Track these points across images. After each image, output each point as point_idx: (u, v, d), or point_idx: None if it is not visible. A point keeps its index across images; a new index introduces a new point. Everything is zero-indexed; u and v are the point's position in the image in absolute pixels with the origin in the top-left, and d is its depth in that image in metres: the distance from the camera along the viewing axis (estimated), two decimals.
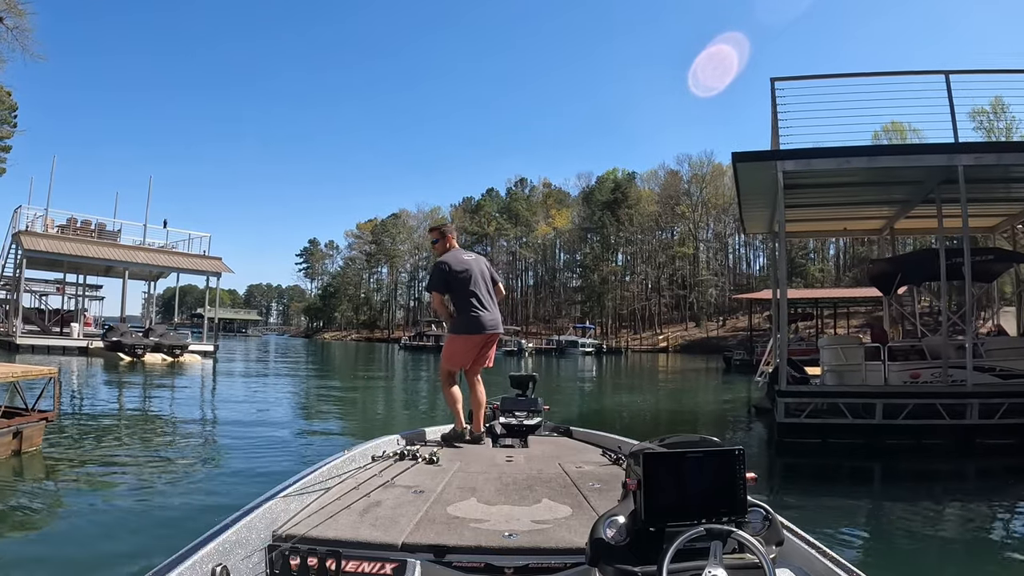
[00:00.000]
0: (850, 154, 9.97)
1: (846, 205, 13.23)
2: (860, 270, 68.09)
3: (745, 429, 12.40)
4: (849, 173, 10.61)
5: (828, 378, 11.11)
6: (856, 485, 7.90)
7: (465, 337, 4.92)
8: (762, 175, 10.55)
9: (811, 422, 9.53)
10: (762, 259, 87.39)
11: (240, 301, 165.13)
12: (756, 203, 12.33)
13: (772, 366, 15.91)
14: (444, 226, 5.28)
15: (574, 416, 12.78)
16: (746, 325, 72.56)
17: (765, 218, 14.05)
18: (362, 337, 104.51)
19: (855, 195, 12.38)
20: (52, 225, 29.57)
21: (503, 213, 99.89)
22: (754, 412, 13.36)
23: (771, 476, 8.25)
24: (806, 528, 2.36)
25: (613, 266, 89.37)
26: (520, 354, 56.84)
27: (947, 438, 9.41)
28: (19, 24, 30.51)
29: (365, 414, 14.32)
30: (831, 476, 8.35)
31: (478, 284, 4.91)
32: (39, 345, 26.45)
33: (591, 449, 4.47)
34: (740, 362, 35.72)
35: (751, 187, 11.27)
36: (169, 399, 14.77)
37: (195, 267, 32.24)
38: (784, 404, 9.51)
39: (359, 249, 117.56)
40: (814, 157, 9.86)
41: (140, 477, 6.67)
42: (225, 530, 2.34)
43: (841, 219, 14.60)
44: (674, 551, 1.71)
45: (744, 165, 10.19)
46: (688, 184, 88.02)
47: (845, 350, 11.45)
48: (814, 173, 10.50)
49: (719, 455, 1.93)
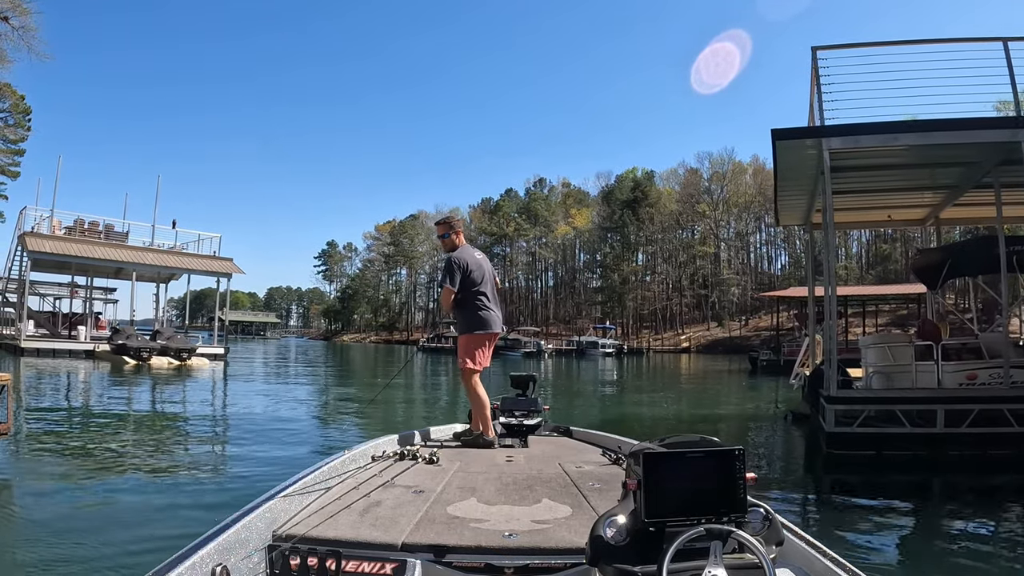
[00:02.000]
0: (900, 130, 8.84)
1: (890, 192, 12.06)
2: (882, 268, 66.73)
3: (783, 439, 11.23)
4: (896, 153, 9.49)
5: (875, 381, 9.98)
6: (923, 508, 6.74)
7: (480, 335, 4.96)
8: (803, 156, 9.48)
9: (865, 432, 8.38)
10: (784, 258, 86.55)
11: (260, 304, 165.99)
12: (793, 190, 11.24)
13: (809, 367, 14.81)
14: (452, 220, 5.36)
15: (595, 424, 11.65)
16: (769, 324, 72.09)
17: (801, 208, 12.92)
18: (381, 339, 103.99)
19: (900, 179, 11.22)
20: (60, 227, 29.01)
21: (522, 213, 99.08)
22: (790, 419, 12.15)
23: (819, 497, 7.20)
24: (807, 530, 2.35)
25: (634, 265, 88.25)
26: (539, 355, 56.00)
27: (1015, 448, 8.24)
28: (24, 23, 30.13)
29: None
30: (889, 494, 7.22)
31: (488, 283, 5.03)
32: (44, 348, 25.89)
33: (591, 449, 4.49)
34: (767, 363, 34.47)
35: (790, 171, 10.18)
36: (163, 406, 13.95)
37: (205, 268, 31.49)
38: (834, 412, 8.39)
39: (377, 251, 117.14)
40: (863, 133, 8.74)
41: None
42: (225, 530, 2.32)
43: (883, 207, 13.38)
44: (674, 551, 1.69)
45: (784, 144, 9.07)
46: (708, 182, 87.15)
47: (893, 349, 10.28)
48: (860, 153, 9.39)
49: (719, 455, 1.91)
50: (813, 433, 10.28)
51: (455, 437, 4.79)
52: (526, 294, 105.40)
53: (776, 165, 9.88)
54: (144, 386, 17.61)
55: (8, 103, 48.92)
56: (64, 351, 25.98)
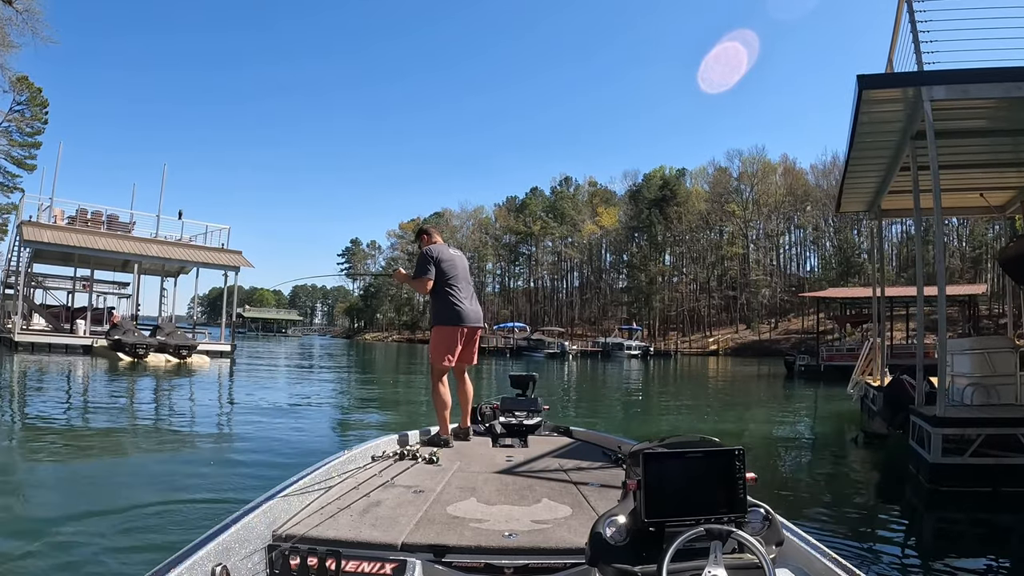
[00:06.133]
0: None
1: (973, 169, 10.14)
2: (914, 271, 63.98)
3: (859, 468, 9.09)
4: (1004, 113, 7.63)
5: (974, 395, 8.09)
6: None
7: (450, 328, 4.87)
8: (890, 115, 7.63)
9: (979, 463, 6.48)
10: (813, 259, 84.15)
11: (285, 302, 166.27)
12: (869, 162, 9.36)
13: (874, 376, 12.85)
14: (425, 227, 5.30)
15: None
16: (799, 327, 70.17)
17: (870, 189, 11.01)
18: (403, 338, 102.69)
19: (992, 151, 9.33)
20: (62, 216, 27.76)
21: (548, 212, 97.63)
22: (861, 439, 10.16)
23: (920, 546, 5.34)
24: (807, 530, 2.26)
25: (661, 266, 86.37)
26: (563, 357, 54.48)
27: None
28: (29, 6, 29.06)
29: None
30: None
31: (461, 277, 4.94)
32: (40, 343, 24.60)
33: (591, 449, 4.46)
34: (805, 367, 32.38)
35: (870, 135, 8.31)
36: (131, 411, 12.26)
37: (213, 260, 30.01)
38: (942, 437, 6.48)
39: (401, 249, 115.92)
40: (979, 81, 6.82)
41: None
42: (225, 530, 2.28)
43: (965, 188, 11.36)
44: (674, 551, 1.68)
45: (873, 95, 7.17)
46: (738, 181, 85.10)
47: (994, 356, 8.39)
48: (964, 110, 7.52)
49: (719, 455, 1.89)
50: (895, 460, 8.40)
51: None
52: (551, 294, 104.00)
53: (855, 126, 7.93)
54: (123, 385, 16.13)
55: (25, 95, 48.35)
56: (60, 346, 24.72)
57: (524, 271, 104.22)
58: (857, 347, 30.54)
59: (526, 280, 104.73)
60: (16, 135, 48.80)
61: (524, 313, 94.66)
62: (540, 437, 5.01)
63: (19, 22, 29.04)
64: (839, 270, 72.70)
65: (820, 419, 14.84)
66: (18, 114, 48.21)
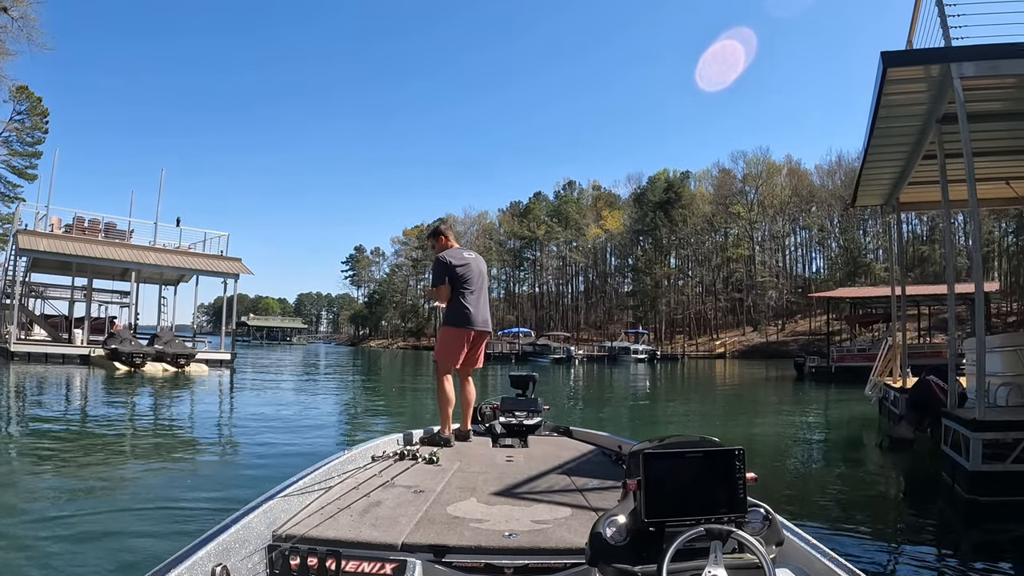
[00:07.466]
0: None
1: (1001, 156, 9.58)
2: (920, 271, 63.55)
3: (886, 475, 8.56)
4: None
5: (1008, 395, 7.55)
6: None
7: (457, 331, 4.92)
8: (914, 96, 7.13)
9: (1020, 471, 5.96)
10: (819, 260, 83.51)
11: (290, 310, 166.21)
12: (890, 151, 8.85)
13: (894, 376, 12.31)
14: (438, 228, 5.26)
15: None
16: (806, 328, 69.63)
17: (889, 181, 10.49)
18: (408, 345, 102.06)
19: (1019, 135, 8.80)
20: (59, 225, 27.35)
21: (552, 216, 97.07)
22: (886, 444, 9.57)
23: (962, 562, 4.81)
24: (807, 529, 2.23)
25: (666, 269, 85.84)
26: (569, 362, 53.92)
27: None
28: (24, 13, 28.78)
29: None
30: None
31: (474, 282, 4.94)
32: (36, 353, 24.14)
33: (591, 449, 4.48)
34: (815, 369, 31.75)
35: (893, 119, 7.80)
36: (128, 418, 11.82)
37: (212, 268, 29.53)
38: (982, 443, 5.94)
39: (406, 255, 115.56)
40: (1006, 57, 6.31)
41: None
42: (225, 530, 2.27)
43: (990, 179, 10.76)
44: (674, 551, 1.67)
45: (899, 73, 6.66)
46: (742, 182, 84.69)
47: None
48: (988, 90, 7.01)
49: (719, 455, 1.88)
50: (925, 467, 7.88)
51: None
52: (556, 299, 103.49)
53: (876, 109, 7.44)
54: (118, 393, 15.70)
55: (25, 105, 48.18)
56: (57, 356, 24.27)
57: (529, 276, 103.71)
58: (868, 348, 30.08)
59: (531, 285, 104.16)
60: (16, 145, 48.54)
61: (529, 318, 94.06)
62: (540, 437, 5.03)
63: (14, 29, 28.70)
64: (846, 270, 72.21)
65: (835, 423, 14.27)
66: (18, 124, 48.01)
